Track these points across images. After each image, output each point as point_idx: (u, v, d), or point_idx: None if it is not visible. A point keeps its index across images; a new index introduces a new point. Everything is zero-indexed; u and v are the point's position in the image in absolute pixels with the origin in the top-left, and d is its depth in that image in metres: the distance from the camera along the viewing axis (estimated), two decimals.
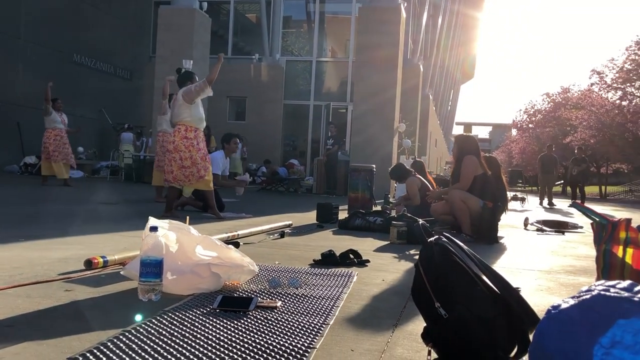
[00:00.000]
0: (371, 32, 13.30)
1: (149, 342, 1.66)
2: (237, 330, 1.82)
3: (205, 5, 14.27)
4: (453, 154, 5.45)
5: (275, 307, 2.13)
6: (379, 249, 4.17)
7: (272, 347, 1.66)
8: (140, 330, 1.77)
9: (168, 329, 1.80)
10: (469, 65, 52.87)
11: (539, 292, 2.78)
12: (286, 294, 2.38)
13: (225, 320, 1.93)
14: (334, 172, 13.13)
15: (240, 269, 2.49)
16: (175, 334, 1.76)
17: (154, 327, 1.82)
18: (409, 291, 1.74)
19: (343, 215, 6.14)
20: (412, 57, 20.23)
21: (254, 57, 19.46)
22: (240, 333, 1.79)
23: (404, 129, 14.48)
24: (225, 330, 1.82)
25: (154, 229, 2.19)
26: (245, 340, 1.72)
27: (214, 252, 2.45)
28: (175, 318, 1.93)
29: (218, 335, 1.76)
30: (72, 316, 1.95)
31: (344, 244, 4.11)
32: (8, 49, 15.19)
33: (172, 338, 1.71)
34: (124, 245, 3.51)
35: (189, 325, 1.86)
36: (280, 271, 2.91)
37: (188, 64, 6.67)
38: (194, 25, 13.74)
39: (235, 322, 1.92)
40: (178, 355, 1.57)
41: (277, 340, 1.73)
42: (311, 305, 2.20)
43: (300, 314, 2.07)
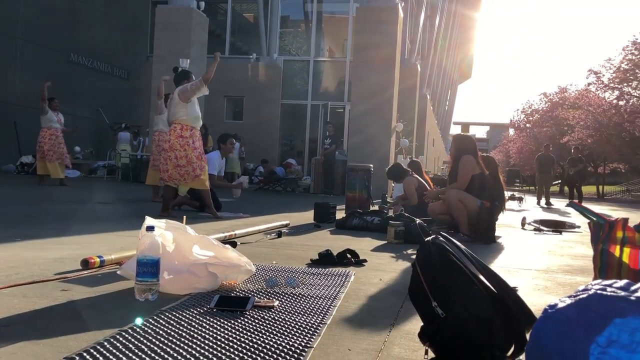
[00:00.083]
0: (369, 32, 13.31)
1: (145, 341, 1.66)
2: (234, 330, 1.81)
3: (202, 4, 14.25)
4: (450, 154, 5.45)
5: (273, 306, 2.13)
6: (376, 249, 4.17)
7: (269, 347, 1.66)
8: (137, 330, 1.77)
9: (165, 329, 1.80)
10: (467, 65, 52.95)
11: (536, 292, 2.79)
12: (283, 294, 2.37)
13: (222, 320, 1.93)
14: (331, 171, 13.14)
15: (238, 269, 2.49)
16: (172, 333, 1.76)
17: (150, 326, 1.81)
18: (406, 291, 1.74)
19: (340, 215, 6.15)
20: (409, 57, 20.24)
21: (251, 56, 19.44)
22: (237, 332, 1.79)
23: (401, 129, 14.49)
24: (222, 329, 1.82)
25: (150, 228, 2.19)
26: (242, 339, 1.72)
27: (211, 251, 2.44)
28: (172, 318, 1.93)
29: (215, 335, 1.75)
30: (68, 316, 1.94)
31: (342, 244, 4.12)
32: (5, 48, 15.16)
33: (169, 338, 1.71)
34: (120, 245, 3.50)
35: (185, 324, 1.86)
36: (278, 271, 2.91)
37: (185, 63, 6.66)
38: (191, 24, 13.72)
39: (232, 321, 1.91)
40: (175, 355, 1.56)
41: (274, 340, 1.72)
42: (308, 305, 2.20)
43: (297, 313, 2.07)
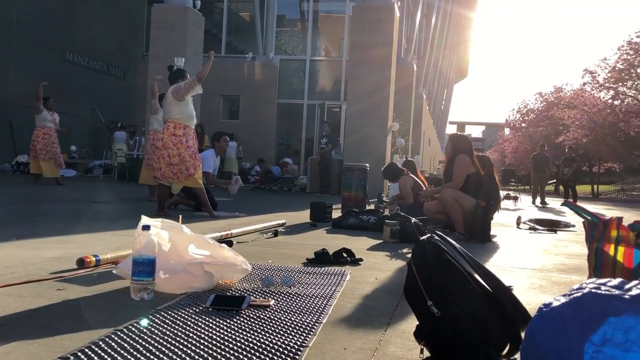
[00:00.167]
0: (365, 31, 13.32)
1: (141, 341, 1.66)
2: (229, 329, 1.81)
3: (198, 3, 14.23)
4: (446, 152, 5.46)
5: (268, 305, 2.13)
6: (372, 248, 4.17)
7: (264, 346, 1.66)
8: (132, 329, 1.77)
9: (160, 328, 1.80)
10: (463, 64, 53.02)
11: (531, 291, 2.79)
12: (279, 293, 2.38)
13: (217, 319, 1.93)
14: (327, 171, 13.13)
15: (233, 268, 2.48)
16: (168, 332, 1.75)
17: (146, 326, 1.81)
18: (402, 290, 1.74)
19: (337, 214, 6.14)
20: (405, 57, 20.26)
21: (247, 55, 19.43)
22: (233, 332, 1.79)
23: (397, 128, 14.51)
24: (217, 329, 1.82)
25: (146, 227, 2.19)
26: (238, 339, 1.72)
27: (206, 250, 2.44)
28: (168, 317, 1.93)
29: (210, 334, 1.75)
30: (63, 315, 1.94)
31: (338, 243, 4.12)
32: (0, 47, 15.09)
33: (165, 337, 1.71)
34: (116, 244, 3.49)
35: (181, 324, 1.85)
36: (274, 270, 2.91)
37: (180, 61, 6.65)
38: (187, 23, 13.69)
39: (228, 320, 1.91)
40: (170, 354, 1.56)
41: (269, 339, 1.72)
42: (304, 304, 2.20)
43: (293, 312, 2.07)
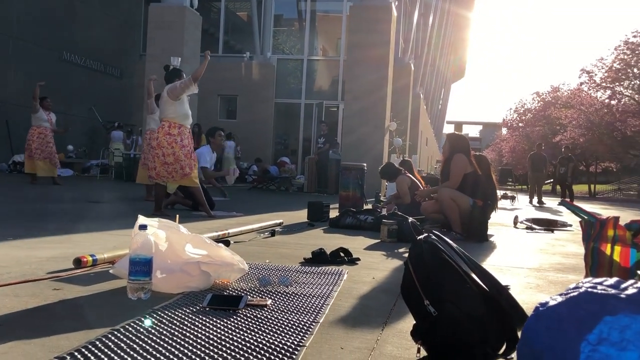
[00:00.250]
0: (362, 31, 13.31)
1: (138, 340, 1.66)
2: (226, 329, 1.81)
3: (196, 3, 14.20)
4: (444, 152, 5.46)
5: (265, 305, 2.13)
6: (369, 247, 4.18)
7: (261, 345, 1.66)
8: (129, 329, 1.76)
9: (157, 328, 1.79)
10: (460, 64, 53.07)
11: (528, 290, 2.80)
12: (276, 292, 2.37)
13: (214, 319, 1.92)
14: (325, 170, 13.13)
15: (230, 268, 2.48)
16: (165, 332, 1.75)
17: (143, 325, 1.81)
18: (399, 289, 1.74)
19: (334, 214, 6.15)
20: (403, 56, 20.26)
21: (245, 55, 19.41)
22: (230, 331, 1.79)
23: (394, 128, 14.50)
24: (214, 328, 1.81)
25: (143, 227, 2.18)
26: (235, 338, 1.72)
27: (203, 250, 2.44)
28: (165, 317, 1.93)
29: (207, 334, 1.75)
30: (60, 315, 1.94)
31: (335, 243, 4.12)
32: None
33: (161, 337, 1.71)
34: (113, 244, 3.48)
35: (178, 323, 1.85)
36: (271, 269, 2.91)
37: (176, 61, 6.65)
38: (184, 23, 13.67)
39: (225, 320, 1.91)
40: (167, 354, 1.56)
41: (266, 339, 1.72)
42: (301, 304, 2.20)
43: (290, 312, 2.07)
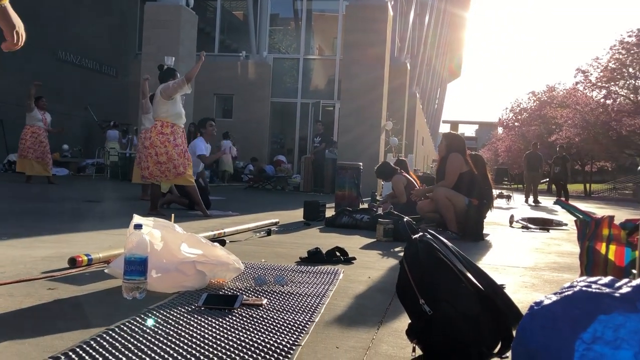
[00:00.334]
0: (358, 30, 13.31)
1: (133, 340, 1.65)
2: (222, 328, 1.81)
3: (192, 2, 14.17)
4: (440, 151, 5.47)
5: (261, 304, 2.13)
6: (365, 247, 4.18)
7: (257, 345, 1.65)
8: (124, 328, 1.76)
9: (152, 327, 1.79)
10: (456, 63, 53.15)
11: (523, 289, 2.80)
12: (272, 292, 2.37)
13: (210, 318, 1.92)
14: (321, 170, 13.14)
15: (226, 267, 2.48)
16: (160, 332, 1.75)
17: (138, 325, 1.80)
18: (395, 288, 1.74)
19: (330, 213, 6.15)
20: (399, 55, 20.27)
21: (241, 54, 19.39)
22: (225, 331, 1.78)
23: (391, 127, 14.53)
24: (210, 328, 1.81)
25: (138, 226, 2.18)
26: (230, 338, 1.71)
27: (199, 249, 2.43)
28: (160, 316, 1.92)
29: (203, 333, 1.75)
30: (55, 315, 1.93)
31: (331, 242, 4.12)
32: None
33: (156, 336, 1.70)
34: (108, 244, 3.48)
35: (173, 323, 1.85)
36: (266, 269, 2.90)
37: (170, 60, 6.63)
38: (180, 22, 13.64)
39: (220, 319, 1.91)
40: (162, 353, 1.56)
41: (262, 338, 1.72)
42: (297, 303, 2.20)
43: (285, 311, 2.07)
